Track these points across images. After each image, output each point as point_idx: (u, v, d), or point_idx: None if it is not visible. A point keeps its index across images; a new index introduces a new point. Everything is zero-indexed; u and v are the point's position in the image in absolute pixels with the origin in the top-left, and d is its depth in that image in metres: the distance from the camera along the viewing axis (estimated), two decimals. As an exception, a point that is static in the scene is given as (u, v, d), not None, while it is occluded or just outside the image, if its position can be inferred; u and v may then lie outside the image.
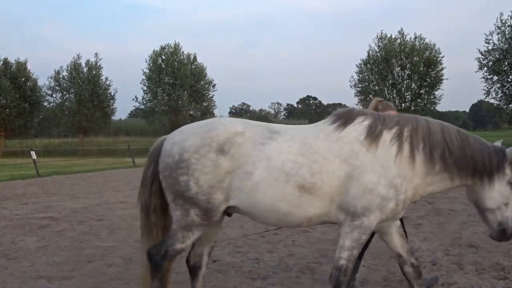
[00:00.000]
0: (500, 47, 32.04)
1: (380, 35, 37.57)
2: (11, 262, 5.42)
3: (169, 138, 3.31)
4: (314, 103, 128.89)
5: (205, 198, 3.06)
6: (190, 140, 3.13)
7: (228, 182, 3.07)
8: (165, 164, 3.17)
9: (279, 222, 3.24)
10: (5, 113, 40.16)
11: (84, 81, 42.29)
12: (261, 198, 3.05)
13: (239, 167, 3.06)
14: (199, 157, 3.06)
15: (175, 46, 42.04)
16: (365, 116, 3.22)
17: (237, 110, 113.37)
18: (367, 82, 37.70)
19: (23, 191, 12.83)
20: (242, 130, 3.16)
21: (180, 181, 3.08)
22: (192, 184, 3.05)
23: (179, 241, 3.19)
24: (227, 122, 3.26)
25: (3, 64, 41.41)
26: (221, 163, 3.05)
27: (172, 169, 3.11)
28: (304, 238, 6.42)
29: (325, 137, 3.14)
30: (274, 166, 3.04)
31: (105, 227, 7.44)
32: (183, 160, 3.08)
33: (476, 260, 5.14)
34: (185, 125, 3.42)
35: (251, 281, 4.56)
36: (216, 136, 3.10)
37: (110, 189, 13.14)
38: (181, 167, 3.08)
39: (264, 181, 3.04)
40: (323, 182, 3.02)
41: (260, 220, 3.26)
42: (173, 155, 3.13)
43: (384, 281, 4.52)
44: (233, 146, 3.08)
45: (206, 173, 3.04)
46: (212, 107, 45.36)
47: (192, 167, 3.06)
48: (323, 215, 3.13)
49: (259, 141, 3.12)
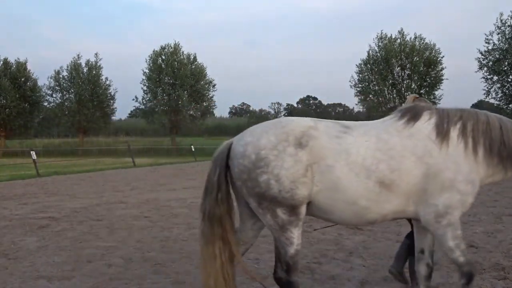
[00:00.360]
0: (500, 47, 32.02)
1: (380, 35, 37.59)
2: (11, 262, 5.42)
3: (238, 140, 3.17)
4: (314, 103, 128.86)
5: (289, 195, 2.95)
6: (264, 138, 3.03)
7: (310, 176, 2.98)
8: (242, 167, 3.03)
9: (354, 218, 3.15)
10: (5, 113, 40.14)
11: (84, 81, 42.28)
12: (342, 193, 3.00)
13: (321, 159, 2.99)
14: (277, 153, 2.96)
15: (175, 46, 42.03)
16: (431, 113, 3.24)
17: (237, 110, 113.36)
18: (367, 82, 37.70)
19: (23, 191, 12.83)
20: (314, 124, 3.12)
21: (260, 181, 2.96)
22: (273, 182, 2.94)
23: (287, 244, 3.05)
24: (296, 118, 3.22)
25: (3, 64, 41.40)
26: (301, 157, 2.97)
27: (250, 170, 2.99)
28: (304, 238, 6.40)
29: (397, 133, 3.13)
30: (354, 161, 3.01)
31: (105, 227, 7.44)
32: (260, 159, 2.97)
33: (476, 260, 5.14)
34: (249, 128, 3.27)
35: (251, 281, 4.56)
36: (291, 131, 3.03)
37: (110, 189, 13.14)
38: (260, 166, 2.96)
39: (346, 175, 2.99)
40: (401, 179, 3.02)
41: (334, 217, 3.16)
42: (249, 155, 3.01)
43: (384, 281, 4.52)
44: (310, 139, 3.01)
45: (286, 169, 2.94)
46: (212, 107, 45.36)
47: (271, 164, 2.95)
48: (399, 212, 3.14)
49: (334, 135, 3.08)
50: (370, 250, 5.68)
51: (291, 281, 3.11)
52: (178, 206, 9.57)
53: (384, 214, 3.11)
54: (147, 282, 4.58)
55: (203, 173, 17.33)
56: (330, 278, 4.61)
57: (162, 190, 12.53)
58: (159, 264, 5.22)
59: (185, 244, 6.13)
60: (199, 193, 12.36)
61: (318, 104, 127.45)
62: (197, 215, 8.36)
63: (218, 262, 3.20)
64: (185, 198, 10.70)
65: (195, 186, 13.38)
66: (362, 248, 5.78)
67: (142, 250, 5.84)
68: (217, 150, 3.29)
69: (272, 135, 3.03)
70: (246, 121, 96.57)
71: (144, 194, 11.79)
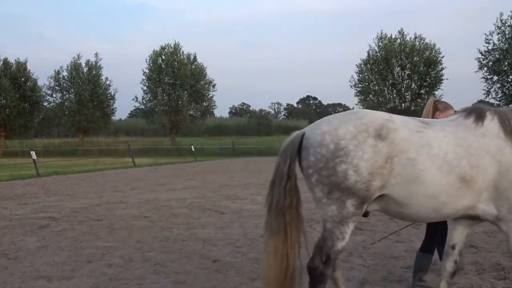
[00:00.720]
0: (500, 47, 32.04)
1: (380, 35, 37.60)
2: (11, 262, 5.42)
3: (313, 130, 3.15)
4: (314, 103, 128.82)
5: (364, 186, 2.95)
6: (342, 128, 3.01)
7: (389, 168, 2.98)
8: (319, 156, 3.00)
9: (432, 213, 3.16)
10: (5, 113, 40.17)
11: (84, 81, 42.29)
12: (422, 186, 3.01)
13: (402, 152, 3.00)
14: (357, 143, 2.95)
15: (175, 46, 42.03)
16: (492, 113, 3.32)
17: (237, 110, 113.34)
18: (367, 82, 37.72)
19: (23, 191, 12.83)
20: (389, 117, 3.14)
21: (338, 170, 2.94)
22: (352, 173, 2.93)
23: (339, 238, 3.07)
24: (369, 111, 3.23)
25: (3, 64, 41.42)
26: (381, 148, 2.96)
27: (329, 159, 2.97)
28: (304, 238, 6.40)
29: (471, 132, 3.21)
30: (436, 155, 3.03)
31: (105, 227, 7.44)
32: (340, 148, 2.95)
33: (476, 260, 5.14)
34: (323, 118, 3.27)
35: (251, 281, 4.56)
36: (370, 122, 3.03)
37: (110, 189, 13.14)
38: (339, 156, 2.95)
39: (429, 169, 3.00)
40: (478, 175, 3.09)
41: (410, 210, 3.14)
42: (327, 144, 2.99)
43: (384, 281, 4.52)
44: (390, 131, 3.01)
45: (366, 160, 2.93)
46: (212, 107, 45.38)
47: (351, 155, 2.94)
48: (470, 208, 3.18)
49: (414, 129, 3.10)
50: (370, 250, 5.68)
51: (325, 274, 3.16)
52: (178, 206, 9.57)
53: (458, 209, 3.17)
54: (147, 282, 4.58)
55: (203, 173, 17.39)
56: (330, 278, 4.60)
57: (162, 190, 12.53)
58: (159, 264, 5.22)
59: (185, 244, 6.13)
60: (199, 193, 12.42)
61: (318, 104, 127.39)
62: (197, 215, 8.40)
63: (279, 253, 3.20)
64: (185, 198, 10.71)
65: (195, 186, 13.39)
66: (362, 248, 5.78)
67: (142, 250, 5.84)
68: (287, 141, 3.27)
69: (351, 125, 3.03)
70: (246, 121, 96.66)
71: (144, 194, 11.79)
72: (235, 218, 8.02)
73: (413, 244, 5.79)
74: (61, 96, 43.21)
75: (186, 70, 40.75)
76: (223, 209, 8.97)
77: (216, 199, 10.54)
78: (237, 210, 8.90)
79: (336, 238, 3.07)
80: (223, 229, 7.14)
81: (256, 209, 8.90)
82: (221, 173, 18.07)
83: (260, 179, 15.00)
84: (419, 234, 6.45)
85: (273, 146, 39.46)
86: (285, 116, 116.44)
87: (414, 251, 5.45)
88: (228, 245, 6.08)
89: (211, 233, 6.83)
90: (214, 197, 10.82)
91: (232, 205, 9.50)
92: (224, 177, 16.20)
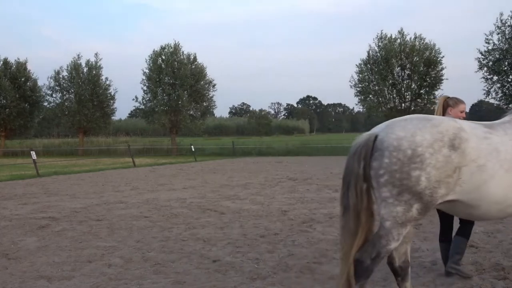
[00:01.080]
0: (500, 47, 32.00)
1: (380, 35, 37.53)
2: (11, 262, 5.43)
3: (388, 133, 3.23)
4: (314, 103, 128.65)
5: (429, 193, 3.09)
6: (419, 135, 3.14)
7: (456, 177, 3.12)
8: (394, 160, 3.12)
9: (498, 213, 3.34)
10: (5, 113, 40.11)
11: (84, 81, 42.23)
12: (493, 190, 3.16)
13: (471, 162, 3.15)
14: (433, 152, 3.08)
15: (175, 46, 41.98)
16: None
17: (237, 110, 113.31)
18: (367, 82, 37.66)
19: (23, 191, 12.83)
20: (460, 125, 3.25)
21: (412, 175, 3.06)
22: (424, 179, 3.06)
23: (394, 239, 3.17)
24: (441, 117, 3.35)
25: (3, 64, 41.35)
26: (453, 159, 3.10)
27: (404, 164, 3.09)
28: (304, 238, 6.42)
29: None
30: (504, 159, 3.20)
31: (105, 227, 7.44)
32: (417, 155, 3.08)
33: (476, 260, 5.14)
34: (394, 121, 3.36)
35: (251, 281, 4.56)
36: (445, 131, 3.15)
37: (110, 189, 13.14)
38: (415, 162, 3.07)
39: (497, 173, 3.17)
40: None
41: (479, 212, 3.31)
42: (404, 150, 3.10)
43: (384, 281, 4.52)
44: (462, 141, 3.15)
45: (437, 168, 3.07)
46: (212, 107, 45.34)
47: (426, 162, 3.07)
48: None
49: (482, 135, 3.26)
50: (370, 250, 5.67)
51: (371, 269, 3.26)
52: (178, 206, 9.57)
53: None
54: (147, 282, 4.58)
55: (203, 173, 17.40)
56: (330, 278, 4.61)
57: (162, 190, 12.53)
58: (159, 264, 5.22)
59: (185, 244, 6.14)
60: (199, 193, 12.41)
61: (318, 104, 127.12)
62: (197, 215, 8.40)
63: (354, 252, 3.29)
64: (185, 198, 10.71)
65: (195, 186, 13.39)
66: (362, 248, 5.77)
67: (142, 250, 5.85)
68: (358, 142, 3.34)
69: (427, 133, 3.15)
70: (246, 121, 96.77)
71: (144, 194, 11.79)
72: (235, 218, 8.02)
73: (413, 244, 5.78)
74: (61, 96, 43.13)
75: (186, 70, 40.70)
76: (223, 209, 8.97)
77: (216, 199, 10.54)
78: (237, 210, 8.90)
79: (392, 238, 3.18)
80: (223, 229, 7.14)
81: (256, 209, 8.90)
82: (221, 173, 18.07)
83: (260, 179, 14.99)
84: (419, 234, 6.45)
85: (273, 146, 39.52)
86: (285, 116, 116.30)
87: (414, 251, 5.46)
88: (228, 245, 6.08)
89: (211, 233, 6.84)
90: (214, 197, 10.82)
91: (232, 205, 9.50)
92: (224, 177, 16.20)
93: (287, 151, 35.89)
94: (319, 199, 10.22)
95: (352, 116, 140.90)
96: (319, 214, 8.30)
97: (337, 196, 10.62)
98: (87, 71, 42.83)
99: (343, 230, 3.36)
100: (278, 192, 11.66)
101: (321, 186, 12.81)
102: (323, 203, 9.61)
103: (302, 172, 17.60)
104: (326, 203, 9.54)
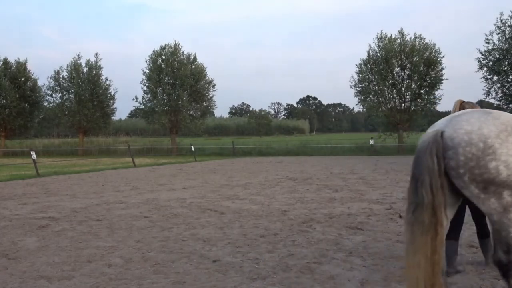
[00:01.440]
0: (500, 47, 32.00)
1: (380, 35, 37.53)
2: (11, 262, 5.43)
3: (456, 129, 3.31)
4: (314, 103, 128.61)
5: None
6: (485, 127, 3.23)
7: None
8: (469, 155, 3.19)
9: None
10: (5, 113, 40.15)
11: (84, 81, 42.24)
12: None
13: None
14: (501, 141, 3.18)
15: (175, 46, 41.99)
16: None
17: (237, 110, 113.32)
18: (367, 82, 37.65)
19: (23, 191, 12.83)
20: None
21: (490, 167, 3.15)
22: (502, 168, 3.15)
23: (510, 225, 3.23)
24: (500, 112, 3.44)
25: (3, 64, 41.38)
26: None
27: (479, 158, 3.17)
28: (304, 238, 6.42)
29: None
30: None
31: (105, 227, 7.44)
32: (489, 147, 3.17)
33: (476, 260, 5.14)
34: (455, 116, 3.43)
35: (251, 281, 4.56)
36: (507, 122, 3.28)
37: (110, 189, 13.14)
38: (489, 154, 3.16)
39: None
40: None
41: None
42: (476, 143, 3.19)
43: (384, 281, 4.52)
44: None
45: (511, 155, 3.17)
46: (212, 107, 45.35)
47: (498, 152, 3.16)
48: None
49: None
50: (370, 250, 5.68)
51: (511, 261, 3.30)
52: (178, 206, 9.57)
53: None
54: (147, 282, 4.58)
55: (203, 173, 17.40)
56: (330, 278, 4.61)
57: (162, 190, 12.53)
58: (159, 264, 5.22)
59: (185, 244, 6.14)
60: (199, 193, 12.42)
61: (318, 104, 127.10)
62: (197, 215, 8.40)
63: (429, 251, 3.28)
64: (185, 198, 10.71)
65: (195, 186, 13.39)
66: (362, 248, 5.78)
67: (142, 250, 5.85)
68: (424, 141, 3.37)
69: (492, 125, 3.26)
70: (246, 121, 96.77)
71: (144, 194, 11.79)
72: (235, 218, 8.02)
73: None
74: (61, 96, 43.14)
75: (186, 70, 40.71)
76: (223, 209, 8.97)
77: (216, 199, 10.54)
78: (237, 210, 8.90)
79: (507, 226, 3.23)
80: (223, 229, 7.14)
81: (256, 209, 8.90)
82: (221, 173, 18.07)
83: (260, 179, 14.99)
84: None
85: (273, 146, 39.53)
86: (285, 116, 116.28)
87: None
88: (228, 245, 6.08)
89: (211, 233, 6.84)
90: (214, 197, 10.82)
91: (232, 205, 9.50)
92: (224, 177, 16.20)
93: (287, 151, 35.91)
94: (319, 199, 10.22)
95: (352, 116, 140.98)
96: (319, 214, 8.30)
97: (337, 196, 10.65)
98: (87, 71, 42.84)
99: (413, 227, 3.34)
100: (278, 192, 11.66)
101: (321, 186, 12.82)
102: (323, 203, 9.61)
103: (302, 172, 17.61)
104: (326, 203, 9.54)
